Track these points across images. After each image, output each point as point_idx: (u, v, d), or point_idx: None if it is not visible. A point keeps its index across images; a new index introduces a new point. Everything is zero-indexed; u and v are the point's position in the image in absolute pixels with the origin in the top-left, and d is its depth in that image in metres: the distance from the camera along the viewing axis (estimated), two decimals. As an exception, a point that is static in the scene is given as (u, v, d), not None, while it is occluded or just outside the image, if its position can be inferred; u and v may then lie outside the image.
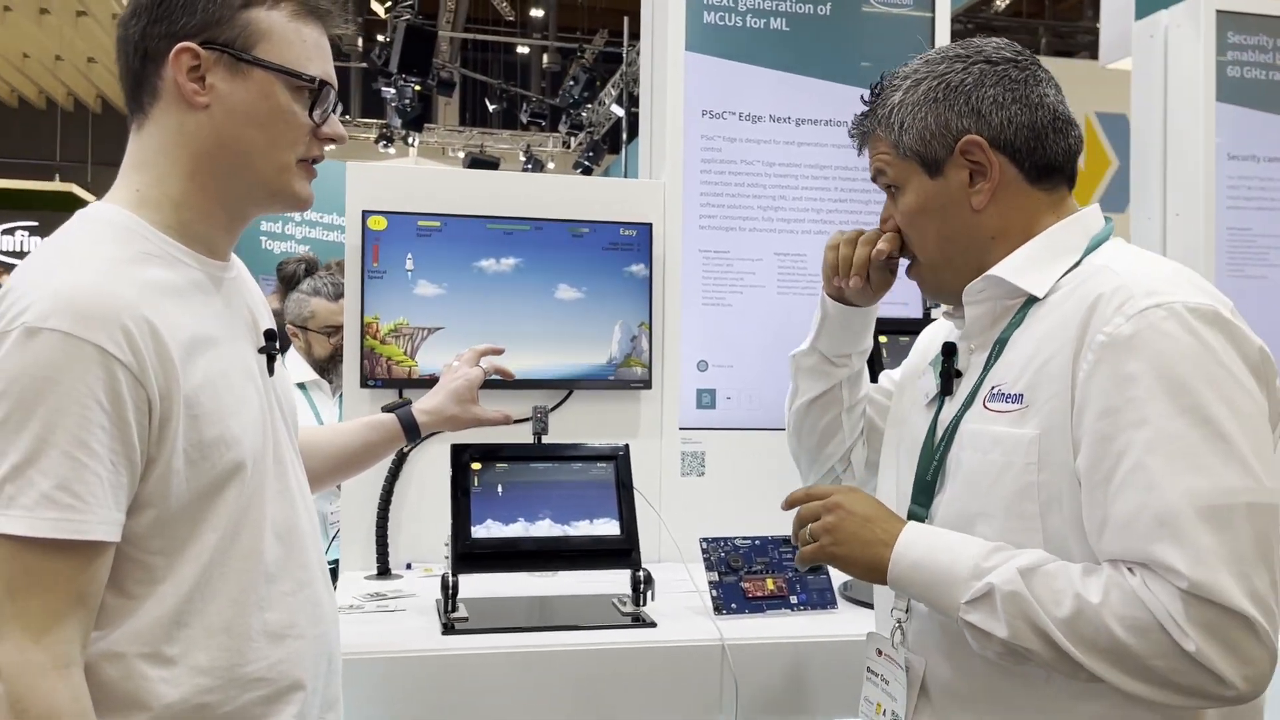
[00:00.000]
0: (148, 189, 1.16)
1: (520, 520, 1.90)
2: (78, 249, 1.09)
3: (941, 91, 1.24)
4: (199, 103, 1.14)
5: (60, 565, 1.00)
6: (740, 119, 2.49)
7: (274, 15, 1.16)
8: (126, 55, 1.16)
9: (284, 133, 1.18)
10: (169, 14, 1.13)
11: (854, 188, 2.54)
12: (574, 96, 11.72)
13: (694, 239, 2.47)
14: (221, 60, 1.14)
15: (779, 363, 2.48)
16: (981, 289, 1.25)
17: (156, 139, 1.16)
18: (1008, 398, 1.18)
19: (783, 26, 2.51)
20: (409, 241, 2.28)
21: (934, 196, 1.26)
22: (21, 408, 0.98)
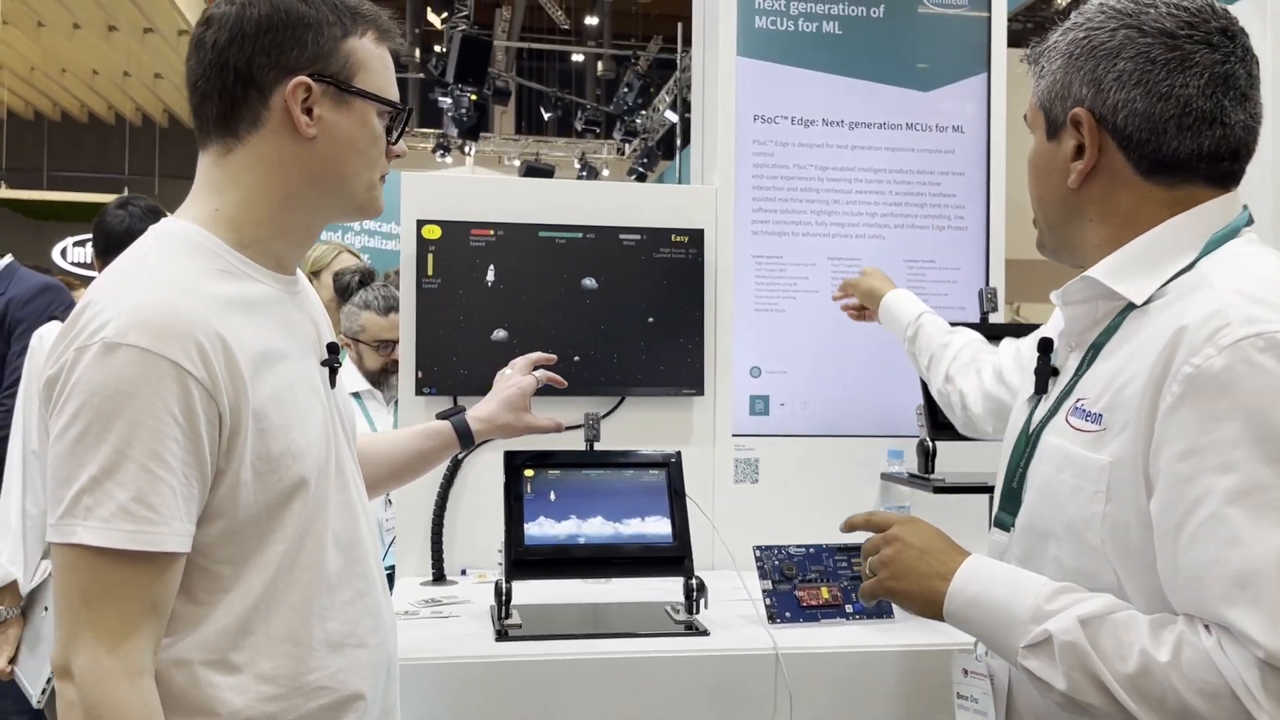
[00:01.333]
0: (229, 209, 1.18)
1: (573, 527, 1.90)
2: (152, 265, 1.11)
3: (1081, 48, 1.12)
4: (309, 134, 1.17)
5: (134, 575, 1.02)
6: (792, 123, 2.48)
7: (365, 42, 1.20)
8: (223, 80, 1.15)
9: (375, 156, 1.23)
10: (278, 46, 1.15)
11: (908, 191, 2.51)
12: (628, 103, 11.75)
13: (746, 244, 2.46)
14: (328, 92, 1.17)
15: (832, 368, 2.47)
16: (1080, 288, 1.16)
17: (248, 164, 1.17)
18: (1088, 415, 1.09)
19: (835, 30, 2.49)
20: (463, 250, 2.30)
21: (1043, 157, 1.18)
22: (100, 421, 1.01)
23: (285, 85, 1.15)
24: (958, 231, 2.51)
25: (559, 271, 2.33)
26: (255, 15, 1.15)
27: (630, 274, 2.35)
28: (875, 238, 2.49)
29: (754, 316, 2.45)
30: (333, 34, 1.17)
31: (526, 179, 3.93)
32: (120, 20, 7.95)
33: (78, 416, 1.02)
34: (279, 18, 1.15)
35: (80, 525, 1.01)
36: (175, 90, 10.00)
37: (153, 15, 7.83)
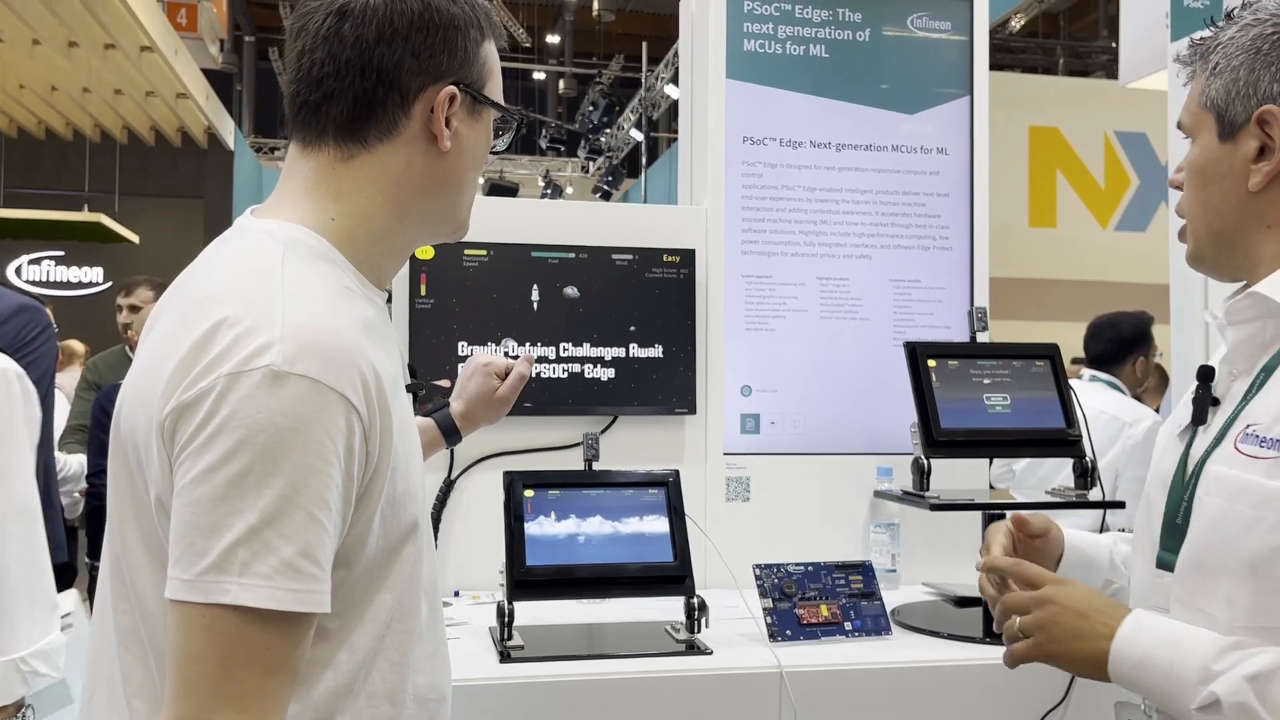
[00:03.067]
0: (345, 220, 1.06)
1: (574, 547, 1.90)
2: (291, 277, 0.96)
3: (1270, 44, 1.06)
4: (446, 147, 1.06)
5: (286, 639, 0.88)
6: (781, 144, 2.51)
7: (492, 47, 1.11)
8: (363, 82, 1.02)
9: (481, 169, 1.14)
10: (430, 49, 1.03)
11: (894, 211, 2.55)
12: (593, 122, 11.79)
13: (736, 264, 2.48)
14: (465, 101, 1.07)
15: (822, 387, 2.49)
16: (1247, 306, 1.09)
17: (373, 174, 1.06)
18: (1263, 441, 1.03)
19: (822, 53, 2.52)
20: (456, 270, 2.30)
21: (1216, 161, 1.11)
22: (265, 462, 0.86)
23: (431, 93, 1.04)
24: (943, 251, 2.55)
25: (552, 291, 2.34)
26: (408, 12, 1.02)
27: (622, 293, 2.36)
28: (862, 258, 2.53)
29: (744, 335, 2.47)
30: (475, 37, 1.07)
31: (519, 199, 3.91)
32: (81, 36, 7.84)
33: (234, 455, 0.86)
34: (432, 17, 1.03)
35: (234, 583, 0.85)
36: (136, 106, 9.86)
37: (115, 31, 7.73)
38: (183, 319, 0.94)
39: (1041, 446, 2.14)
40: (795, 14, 2.50)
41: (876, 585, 1.99)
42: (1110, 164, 9.71)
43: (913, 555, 2.40)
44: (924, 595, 2.28)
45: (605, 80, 14.65)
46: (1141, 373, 3.65)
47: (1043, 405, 2.08)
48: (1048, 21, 14.56)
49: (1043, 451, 2.28)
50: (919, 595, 2.27)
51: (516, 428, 2.34)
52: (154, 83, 9.09)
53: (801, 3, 2.51)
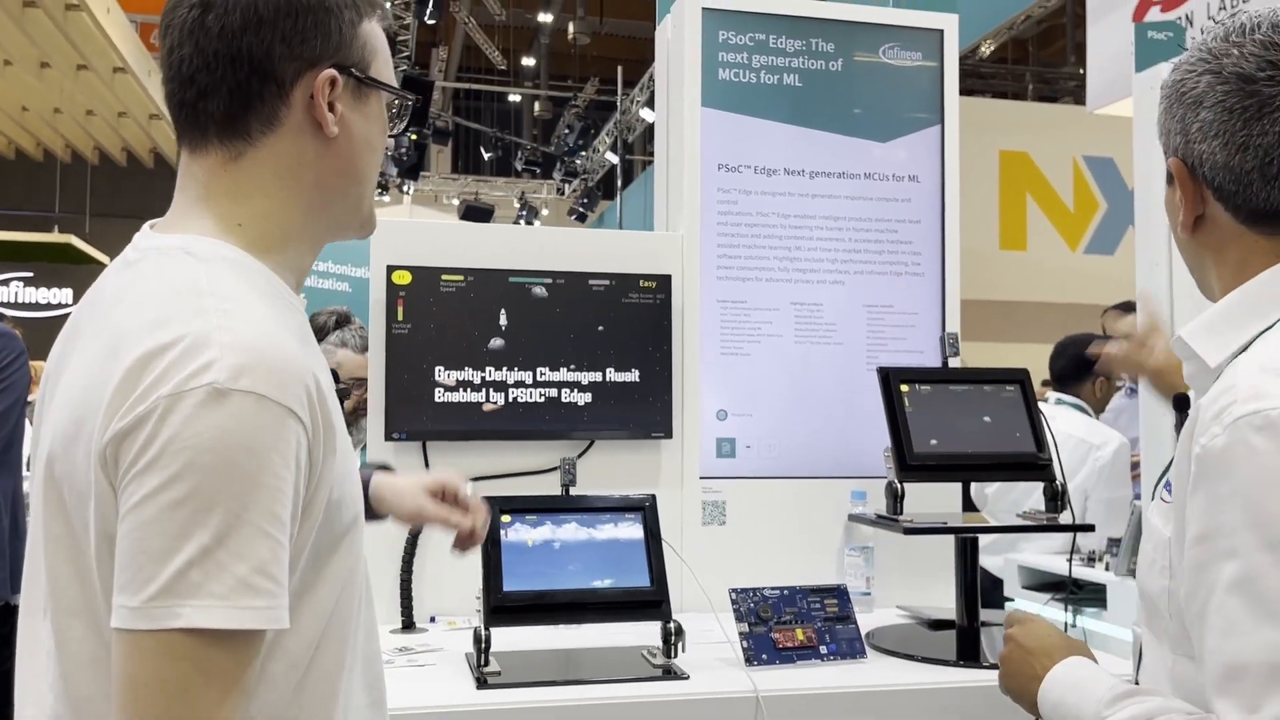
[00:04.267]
0: (253, 222, 1.01)
1: (551, 572, 1.91)
2: (222, 291, 0.93)
3: (1174, 94, 1.06)
4: (333, 132, 1.01)
5: (238, 657, 0.85)
6: (755, 172, 2.54)
7: (375, 27, 1.06)
8: (235, 73, 0.97)
9: (380, 153, 1.09)
10: (301, 33, 0.99)
11: (867, 238, 2.58)
12: (569, 144, 11.84)
13: (712, 289, 2.50)
14: (349, 84, 1.03)
15: (797, 411, 2.51)
16: (1180, 348, 1.09)
17: (267, 169, 1.01)
18: (1169, 485, 1.04)
19: (795, 82, 2.56)
20: (434, 296, 2.30)
21: (1168, 203, 1.13)
22: (212, 482, 0.84)
23: (309, 79, 0.99)
24: (915, 277, 2.59)
25: (529, 317, 2.35)
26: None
27: (600, 318, 2.38)
28: (836, 283, 2.56)
29: (720, 360, 2.50)
30: (350, 18, 1.03)
31: (496, 225, 3.94)
32: (53, 57, 7.80)
33: (180, 477, 0.83)
34: (300, 1, 0.99)
35: (188, 606, 0.82)
36: (108, 127, 9.81)
37: (88, 53, 7.70)
38: (109, 349, 0.90)
39: (1013, 470, 2.18)
40: (769, 44, 2.54)
41: (851, 609, 2.01)
42: (1079, 188, 9.86)
43: (887, 578, 2.42)
44: (898, 618, 2.30)
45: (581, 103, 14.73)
46: (1102, 393, 3.72)
47: (1014, 429, 2.12)
48: (1017, 48, 14.79)
49: (1014, 475, 2.32)
50: (893, 618, 2.29)
51: (494, 452, 2.34)
52: (126, 103, 9.06)
53: (775, 33, 2.55)
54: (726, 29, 2.52)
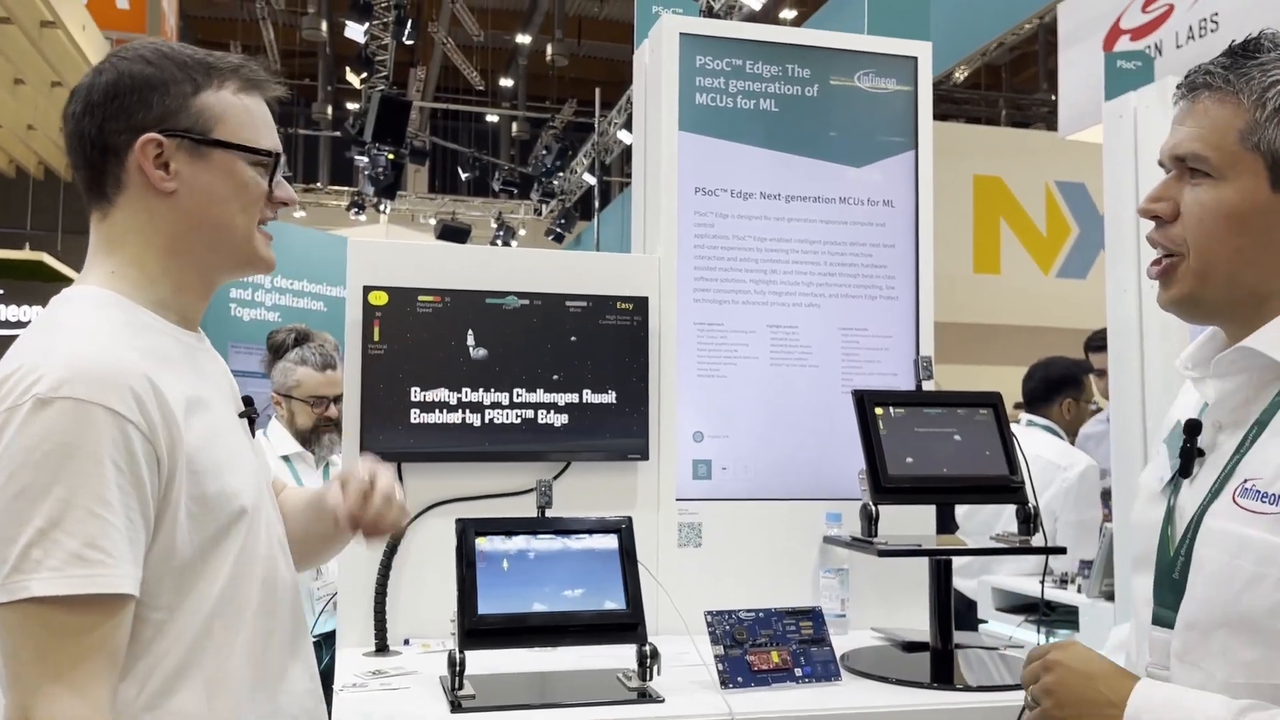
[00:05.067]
0: (123, 269, 1.21)
1: (526, 595, 1.90)
2: (71, 323, 1.13)
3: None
4: (167, 189, 1.20)
5: (91, 622, 1.03)
6: (732, 195, 2.56)
7: (223, 95, 1.23)
8: (84, 150, 1.20)
9: (247, 204, 1.25)
10: (125, 110, 1.18)
11: (842, 261, 2.60)
12: (546, 165, 11.87)
13: (689, 311, 2.51)
14: (183, 146, 1.20)
15: (773, 433, 2.52)
16: (1234, 360, 1.09)
17: (126, 224, 1.21)
18: (1265, 496, 1.01)
19: (772, 107, 2.59)
20: (410, 316, 2.30)
21: (1263, 211, 1.06)
22: (42, 475, 1.02)
23: (136, 146, 1.18)
24: (889, 301, 2.61)
25: (506, 338, 2.35)
26: (103, 83, 1.19)
27: (577, 340, 2.38)
28: (811, 306, 2.58)
29: (696, 382, 2.50)
30: (181, 91, 1.20)
31: (473, 246, 3.92)
32: (28, 74, 7.74)
33: (15, 475, 1.02)
34: (124, 83, 1.19)
35: (31, 579, 1.00)
36: (82, 144, 9.72)
37: (62, 69, 7.66)
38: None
39: (986, 493, 2.19)
40: (746, 69, 2.57)
41: (826, 631, 2.01)
42: (1051, 213, 9.98)
43: (862, 600, 2.42)
44: (873, 640, 2.30)
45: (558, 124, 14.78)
46: (1070, 415, 3.79)
47: (987, 452, 2.13)
48: (990, 74, 15.00)
49: (987, 498, 2.33)
50: (868, 640, 2.30)
51: (469, 474, 2.34)
52: (101, 121, 8.99)
53: (752, 58, 2.57)
54: (704, 54, 2.54)
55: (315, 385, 3.06)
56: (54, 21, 6.79)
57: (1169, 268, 1.13)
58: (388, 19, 9.79)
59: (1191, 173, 1.11)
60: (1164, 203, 1.13)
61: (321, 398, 3.06)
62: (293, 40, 16.56)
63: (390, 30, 9.85)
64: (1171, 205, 1.12)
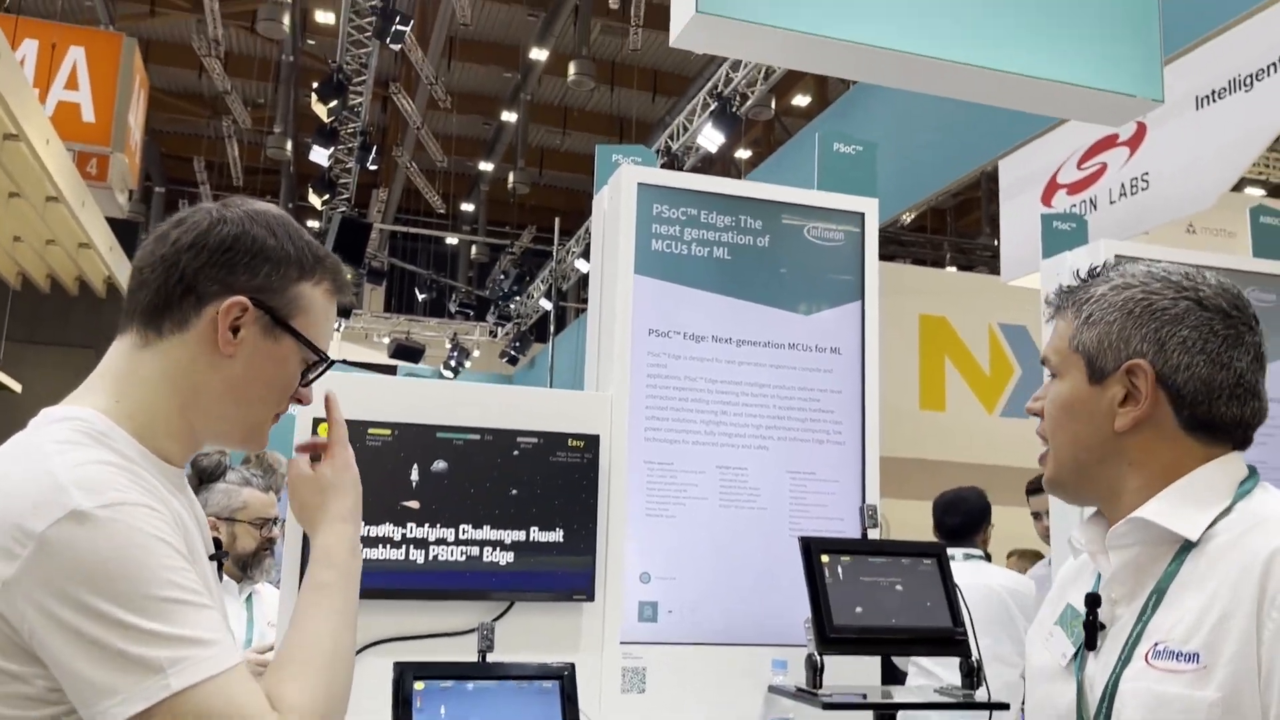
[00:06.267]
0: (130, 403, 1.17)
1: (464, 744, 1.85)
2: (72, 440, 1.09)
3: (1140, 307, 1.21)
4: (227, 352, 1.18)
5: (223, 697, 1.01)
6: (684, 338, 2.61)
7: (317, 290, 1.24)
8: (167, 279, 1.17)
9: (281, 394, 1.24)
10: (232, 264, 1.17)
11: (790, 405, 2.65)
12: (504, 290, 12.00)
13: (639, 450, 2.53)
14: (261, 320, 1.19)
15: (721, 576, 2.52)
16: (1126, 533, 1.20)
17: (161, 363, 1.18)
18: (1179, 655, 1.11)
19: (724, 255, 2.67)
20: (358, 449, 2.28)
21: (1084, 400, 1.23)
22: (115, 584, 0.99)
23: (222, 301, 1.17)
24: (836, 445, 2.65)
25: (455, 472, 2.34)
26: (222, 233, 1.18)
27: (526, 476, 2.38)
28: (760, 449, 2.61)
29: (645, 522, 2.50)
30: (288, 273, 1.20)
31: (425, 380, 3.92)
32: (-15, 183, 7.75)
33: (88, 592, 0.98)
34: (244, 243, 1.18)
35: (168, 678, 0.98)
36: (35, 254, 9.69)
37: (22, 180, 7.66)
38: None
39: (930, 645, 2.19)
40: (700, 218, 2.66)
41: (770, 786, 1.97)
42: (995, 353, 10.24)
43: (807, 751, 2.38)
44: (818, 794, 2.25)
45: (517, 250, 15.02)
46: (985, 540, 3.90)
47: (929, 603, 2.14)
48: (935, 216, 15.59)
49: (931, 650, 2.33)
50: (813, 794, 2.25)
51: (410, 612, 2.29)
52: (56, 232, 8.99)
53: (707, 208, 2.67)
54: (660, 203, 2.64)
55: (262, 506, 3.01)
56: (17, 135, 6.83)
57: (1043, 455, 1.31)
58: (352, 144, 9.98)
59: (1051, 376, 1.31)
60: (1038, 401, 1.32)
61: (266, 518, 3.01)
62: (256, 158, 16.79)
63: (355, 155, 10.04)
64: (1042, 403, 1.31)
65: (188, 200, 19.11)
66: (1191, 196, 5.79)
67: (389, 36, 8.15)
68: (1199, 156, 5.70)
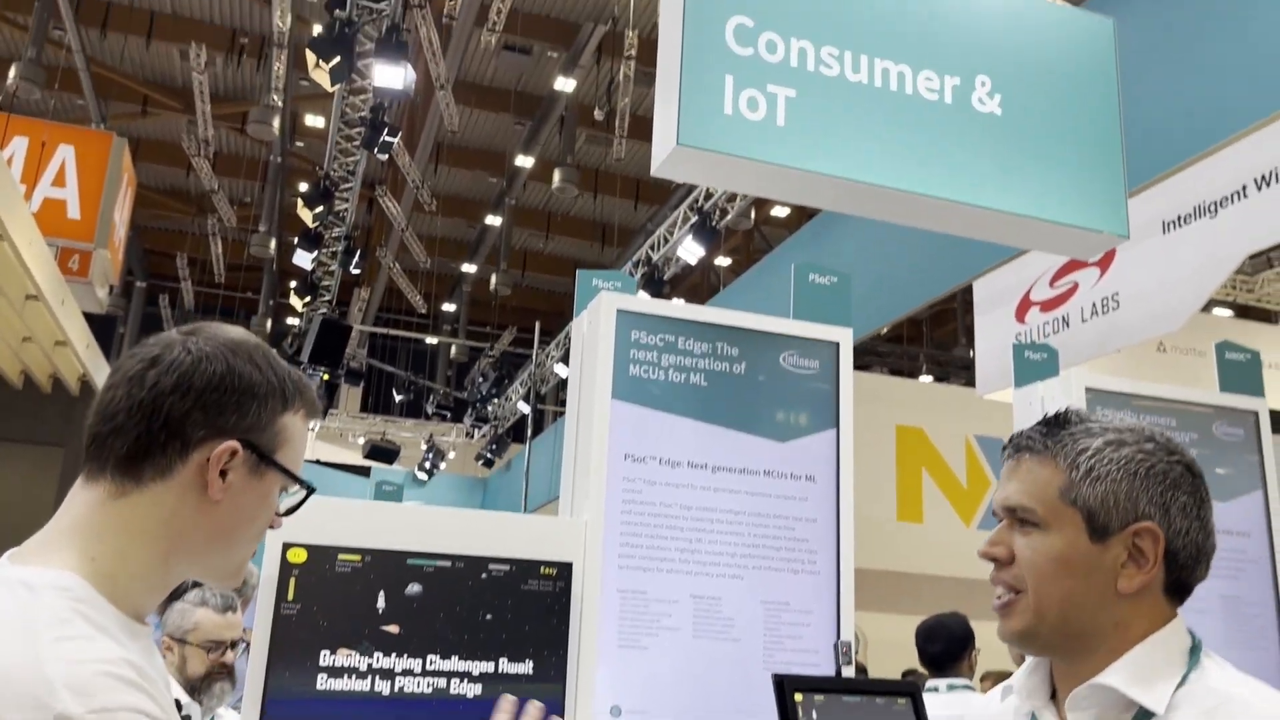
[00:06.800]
0: (105, 561, 1.09)
1: None
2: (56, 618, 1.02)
3: (1143, 469, 1.21)
4: (216, 498, 1.11)
5: None
6: (660, 464, 2.61)
7: (296, 418, 1.19)
8: (148, 423, 1.09)
9: (263, 529, 1.19)
10: (221, 406, 1.11)
11: (766, 534, 2.64)
12: (482, 392, 12.00)
13: (613, 578, 2.50)
14: (249, 460, 1.13)
15: (693, 710, 2.46)
16: (1087, 696, 1.20)
17: (141, 515, 1.10)
18: None
19: (701, 382, 2.69)
20: (328, 575, 2.25)
21: (1085, 558, 1.21)
22: None
23: (211, 444, 1.10)
24: (811, 576, 2.63)
25: (424, 601, 2.30)
26: (208, 371, 1.11)
27: (497, 605, 2.34)
28: (735, 578, 2.59)
29: (617, 653, 2.46)
30: (274, 406, 1.15)
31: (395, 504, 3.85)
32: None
33: None
34: (231, 381, 1.12)
35: None
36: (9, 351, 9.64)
37: (1, 279, 7.67)
38: None
39: (906, 789, 2.14)
40: (678, 345, 2.69)
41: None
42: (971, 466, 10.27)
43: None
44: None
45: (496, 353, 15.07)
46: (970, 667, 3.82)
47: (906, 746, 2.10)
48: (911, 326, 15.81)
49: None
50: None
51: (374, 747, 2.22)
52: (33, 329, 8.95)
53: (684, 335, 2.70)
54: (639, 329, 2.67)
55: (214, 628, 2.92)
56: (2, 235, 6.86)
57: (1010, 603, 1.26)
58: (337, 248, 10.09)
59: (1021, 523, 1.26)
60: (1000, 547, 1.27)
61: (219, 642, 2.92)
62: (239, 255, 16.91)
63: (338, 259, 10.14)
64: (1006, 549, 1.26)
65: (168, 296, 19.14)
66: (1161, 317, 5.92)
67: (377, 146, 8.31)
68: (1166, 279, 5.84)
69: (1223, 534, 3.04)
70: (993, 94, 2.94)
